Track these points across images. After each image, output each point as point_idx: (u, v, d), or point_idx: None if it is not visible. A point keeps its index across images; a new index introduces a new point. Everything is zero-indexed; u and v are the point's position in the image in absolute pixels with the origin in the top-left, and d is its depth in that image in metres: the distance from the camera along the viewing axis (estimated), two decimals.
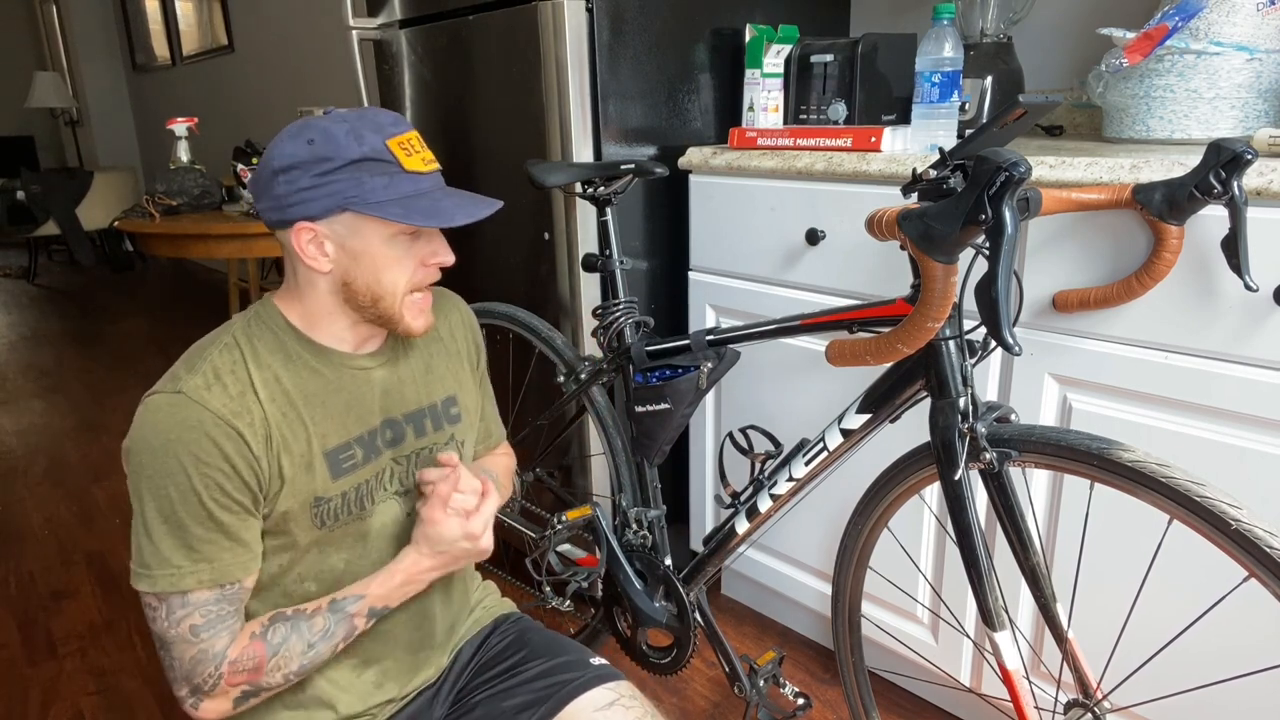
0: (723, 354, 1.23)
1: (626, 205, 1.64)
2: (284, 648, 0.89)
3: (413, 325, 0.92)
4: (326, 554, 0.94)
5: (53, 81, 6.82)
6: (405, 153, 0.87)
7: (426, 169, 0.88)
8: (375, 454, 0.95)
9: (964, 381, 0.95)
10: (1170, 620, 1.12)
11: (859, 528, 1.16)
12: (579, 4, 1.50)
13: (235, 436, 0.83)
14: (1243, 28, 1.17)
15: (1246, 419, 1.02)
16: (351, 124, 0.85)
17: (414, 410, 0.99)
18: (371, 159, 0.85)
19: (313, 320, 0.92)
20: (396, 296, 0.90)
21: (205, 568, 0.85)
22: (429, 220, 0.84)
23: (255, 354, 0.89)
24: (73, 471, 2.71)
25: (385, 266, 0.88)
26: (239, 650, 0.88)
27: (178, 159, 2.90)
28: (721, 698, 1.58)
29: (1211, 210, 0.99)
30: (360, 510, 0.94)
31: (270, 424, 0.87)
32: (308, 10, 4.00)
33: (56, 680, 1.69)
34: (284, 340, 0.91)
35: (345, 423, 0.92)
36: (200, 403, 0.83)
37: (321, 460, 0.90)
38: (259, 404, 0.86)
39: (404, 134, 0.88)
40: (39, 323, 4.78)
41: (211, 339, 0.90)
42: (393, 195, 0.85)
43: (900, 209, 0.85)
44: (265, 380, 0.88)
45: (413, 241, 0.89)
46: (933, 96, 1.32)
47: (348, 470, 0.92)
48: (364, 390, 0.94)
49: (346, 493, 0.92)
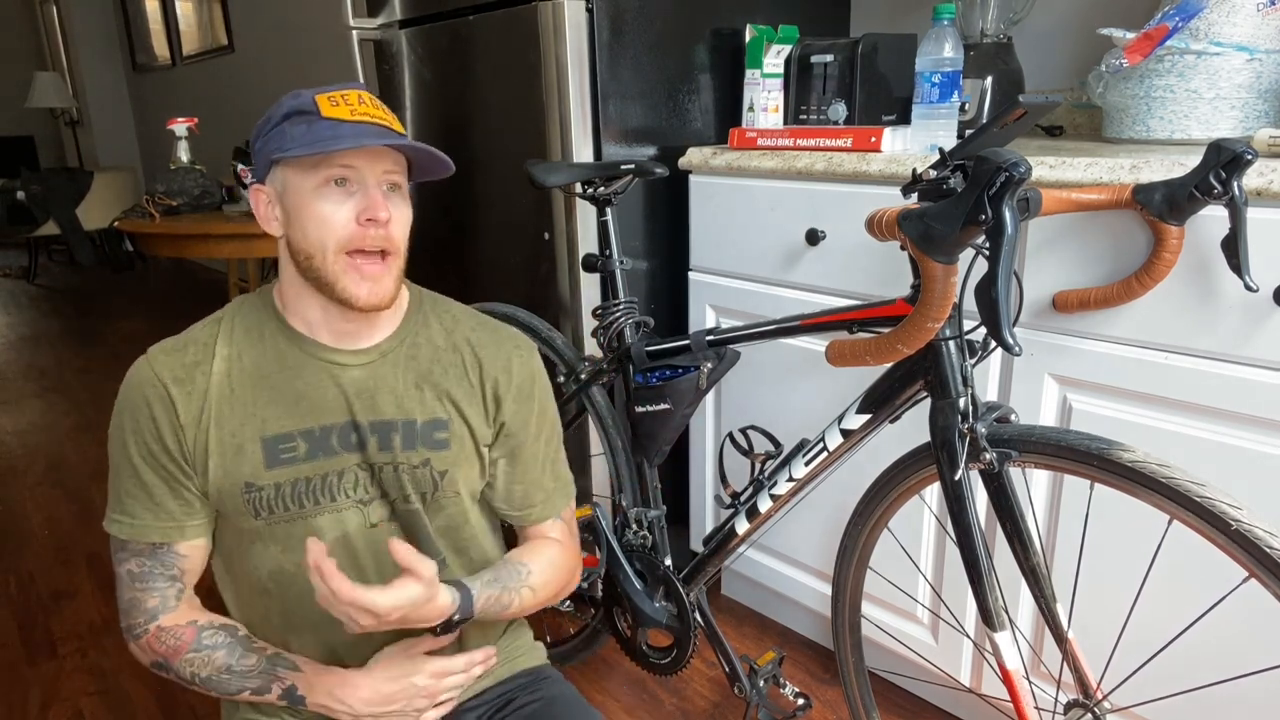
0: (723, 354, 1.23)
1: (626, 205, 1.64)
2: (207, 653, 0.91)
3: (352, 291, 0.86)
4: (270, 550, 0.92)
5: (53, 81, 6.82)
6: (331, 104, 0.85)
7: (353, 118, 0.84)
8: (327, 452, 0.91)
9: (964, 382, 0.95)
10: (1170, 620, 1.12)
11: (859, 528, 1.16)
12: (579, 4, 1.50)
13: (166, 400, 0.88)
14: (1243, 28, 1.17)
15: (1246, 419, 1.02)
16: (306, 89, 0.87)
17: (382, 420, 0.93)
18: (298, 111, 0.85)
19: (287, 300, 0.92)
20: (326, 252, 0.85)
21: (127, 521, 0.90)
22: (308, 147, 0.82)
23: (232, 330, 0.92)
24: (73, 471, 2.71)
25: (311, 220, 0.85)
26: (172, 623, 0.92)
27: (178, 159, 2.90)
28: (721, 698, 1.58)
29: (1211, 210, 0.98)
30: (299, 508, 0.91)
31: (209, 398, 0.89)
32: (308, 10, 4.00)
33: (56, 680, 1.69)
34: (264, 320, 0.93)
35: (294, 412, 0.90)
36: (151, 364, 0.89)
37: (256, 445, 0.89)
38: (208, 377, 0.89)
39: (341, 91, 0.86)
40: (39, 323, 4.78)
41: (215, 313, 0.94)
42: (307, 140, 0.83)
43: (900, 209, 0.85)
44: (228, 356, 0.90)
45: (346, 196, 0.85)
46: (933, 97, 1.32)
47: (286, 461, 0.90)
48: (325, 385, 0.91)
49: (281, 485, 0.90)
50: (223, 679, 0.91)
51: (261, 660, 0.92)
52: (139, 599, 0.91)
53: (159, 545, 0.91)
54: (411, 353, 0.96)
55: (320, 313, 0.91)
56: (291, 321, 0.92)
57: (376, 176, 0.86)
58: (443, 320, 1.00)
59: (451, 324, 1.00)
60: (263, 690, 0.92)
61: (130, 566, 0.91)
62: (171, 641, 0.91)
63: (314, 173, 0.85)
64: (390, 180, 0.88)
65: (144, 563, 0.91)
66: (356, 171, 0.85)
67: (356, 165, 0.85)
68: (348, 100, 0.86)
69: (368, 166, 0.85)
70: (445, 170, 0.92)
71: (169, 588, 0.92)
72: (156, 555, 0.91)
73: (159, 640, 0.91)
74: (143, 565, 0.91)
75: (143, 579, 0.91)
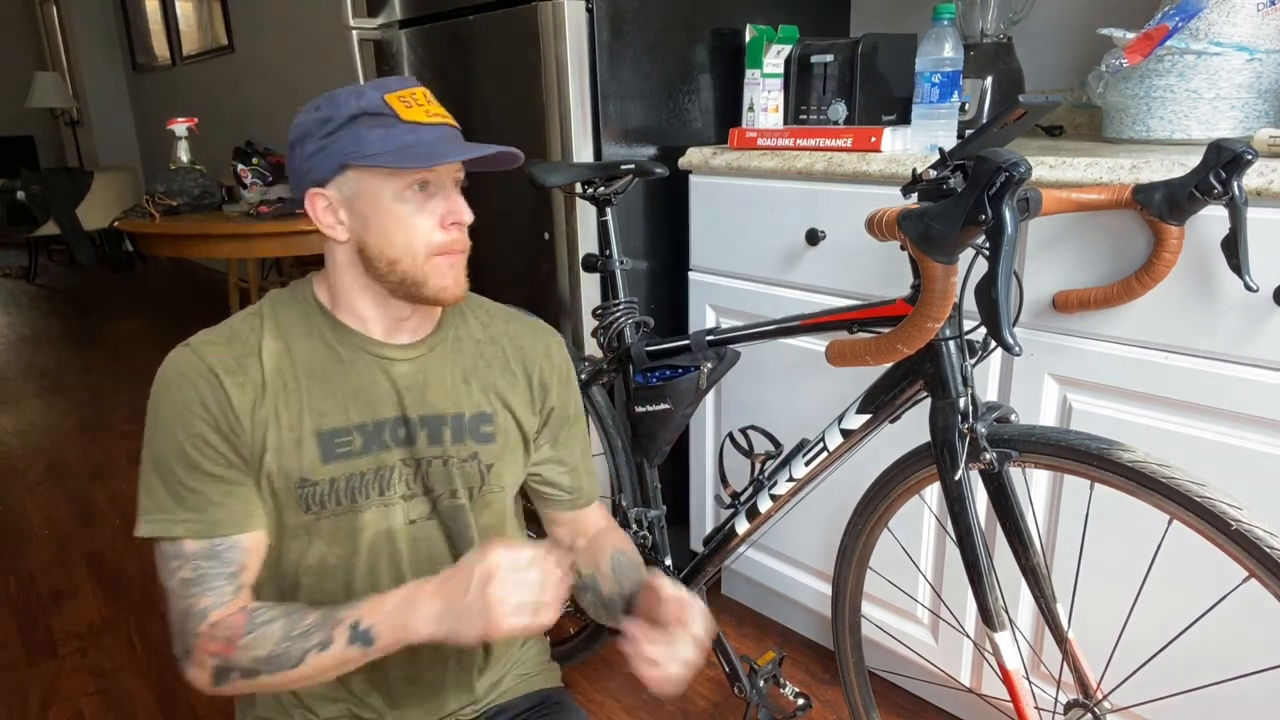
0: (723, 354, 1.23)
1: (626, 205, 1.64)
2: (264, 629, 0.83)
3: (440, 288, 0.87)
4: (315, 545, 0.90)
5: (53, 81, 6.82)
6: (405, 105, 0.84)
7: (430, 120, 0.84)
8: (381, 447, 0.90)
9: (964, 382, 0.95)
10: (1170, 620, 1.12)
11: (859, 528, 1.16)
12: (579, 4, 1.50)
13: (220, 391, 0.84)
14: (1243, 28, 1.17)
15: (1246, 419, 1.02)
16: (358, 86, 0.85)
17: (433, 414, 0.93)
18: (369, 113, 0.83)
19: (337, 297, 0.90)
20: (416, 258, 0.85)
21: (193, 517, 0.84)
22: (417, 160, 0.81)
23: (276, 324, 0.89)
24: (73, 471, 2.71)
25: (396, 226, 0.84)
26: (222, 615, 0.84)
27: (178, 159, 2.90)
28: (721, 698, 1.58)
29: (1211, 210, 0.98)
30: (351, 503, 0.89)
31: (265, 391, 0.86)
32: (308, 10, 4.00)
33: (56, 680, 1.69)
34: (309, 314, 0.90)
35: (348, 407, 0.89)
36: (199, 354, 0.85)
37: (312, 440, 0.87)
38: (260, 369, 0.86)
39: (407, 89, 0.85)
40: (39, 323, 4.78)
41: (248, 308, 0.92)
42: (390, 146, 0.82)
43: (900, 209, 0.85)
44: (275, 350, 0.88)
45: (426, 199, 0.85)
46: (933, 97, 1.32)
47: (341, 456, 0.88)
48: (378, 379, 0.90)
49: (336, 480, 0.88)
50: (285, 649, 0.82)
51: (319, 617, 0.83)
52: (192, 605, 0.84)
53: (220, 541, 0.85)
54: (456, 347, 0.96)
55: (376, 309, 0.90)
56: (341, 316, 0.90)
57: (453, 179, 0.87)
58: (477, 315, 1.00)
59: (486, 318, 1.01)
60: (327, 643, 0.81)
61: (184, 574, 0.84)
62: (224, 633, 0.83)
63: (395, 178, 0.83)
64: (458, 180, 0.88)
65: (200, 565, 0.84)
66: (437, 175, 0.85)
67: (438, 170, 0.85)
68: (418, 100, 0.85)
69: (446, 170, 0.85)
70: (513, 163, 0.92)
71: (226, 585, 0.85)
72: (216, 553, 0.85)
73: (212, 639, 0.82)
74: (198, 569, 0.84)
75: (199, 583, 0.84)
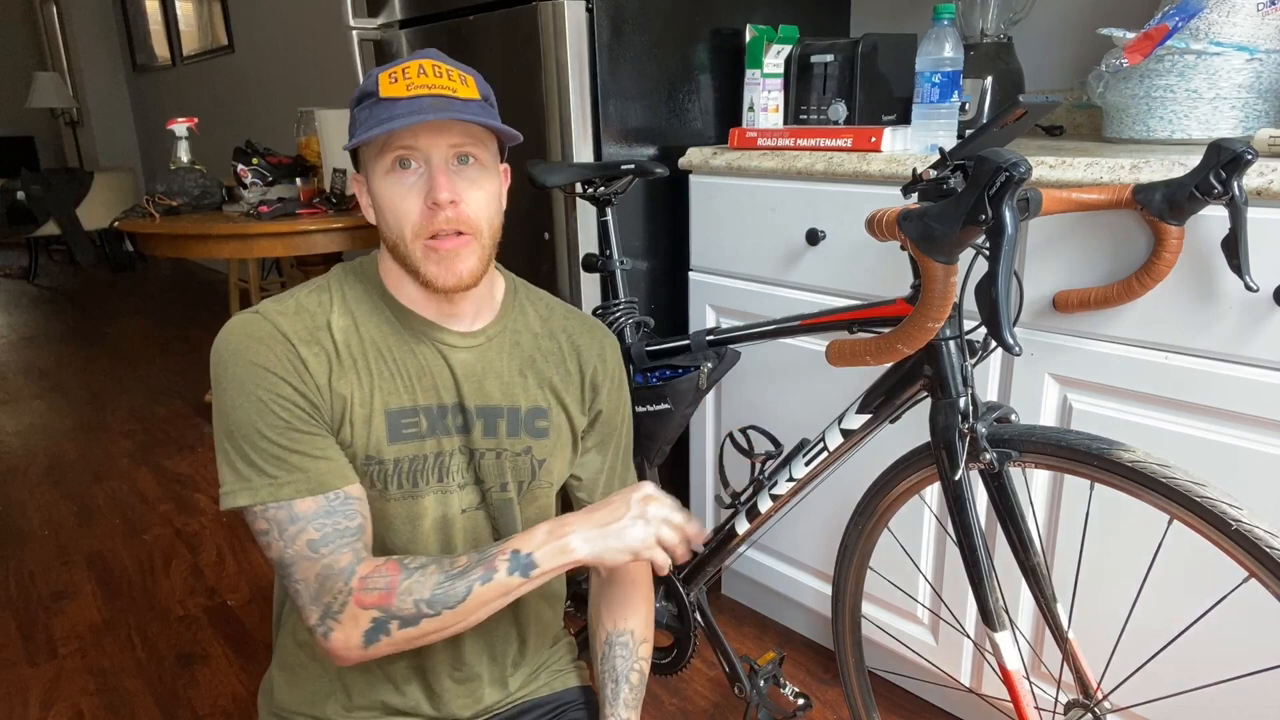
0: (723, 354, 1.23)
1: (626, 205, 1.64)
2: (420, 573, 0.80)
3: (432, 274, 0.84)
4: (379, 529, 0.89)
5: (53, 81, 6.82)
6: (390, 81, 0.81)
7: (408, 93, 0.80)
8: (444, 431, 0.90)
9: (964, 382, 0.95)
10: (1170, 620, 1.12)
11: (859, 528, 1.16)
12: (579, 4, 1.50)
13: (296, 357, 0.82)
14: (1243, 28, 1.17)
15: (1246, 419, 1.02)
16: (382, 65, 0.84)
17: (490, 406, 0.92)
18: (367, 94, 0.83)
19: (391, 276, 0.90)
20: (404, 239, 0.83)
21: (300, 476, 0.81)
22: (359, 136, 0.79)
23: (344, 299, 0.89)
24: (73, 471, 2.71)
25: (387, 206, 0.83)
26: (371, 567, 0.80)
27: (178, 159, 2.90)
28: (722, 698, 1.58)
29: (1212, 210, 0.99)
30: (413, 486, 0.88)
31: (337, 362, 0.84)
32: (308, 10, 4.00)
33: (56, 680, 1.69)
34: (374, 294, 0.90)
35: (415, 387, 0.88)
36: (272, 322, 0.83)
37: (381, 417, 0.86)
38: (332, 342, 0.85)
39: (403, 64, 0.82)
40: (39, 323, 4.78)
41: (311, 280, 0.91)
42: (367, 126, 0.80)
43: (900, 209, 0.85)
44: (344, 326, 0.87)
45: (413, 179, 0.82)
46: (933, 97, 1.32)
47: (408, 437, 0.87)
48: (439, 363, 0.90)
49: (400, 461, 0.87)
50: (447, 587, 0.80)
51: (471, 556, 0.82)
52: (331, 564, 0.80)
53: (334, 495, 0.82)
54: (515, 339, 0.95)
55: (418, 292, 0.89)
56: (399, 297, 0.90)
57: (442, 153, 0.81)
58: (537, 308, 1.00)
59: (546, 312, 1.00)
60: (489, 575, 0.80)
61: (309, 535, 0.80)
62: (382, 583, 0.79)
63: (381, 158, 0.82)
64: (460, 153, 0.82)
65: (324, 523, 0.81)
66: (418, 151, 0.81)
67: (416, 145, 0.80)
68: (407, 74, 0.81)
69: (430, 143, 0.81)
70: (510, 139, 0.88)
71: (357, 540, 0.82)
72: (335, 509, 0.82)
73: (367, 591, 0.79)
74: (323, 526, 0.81)
75: (328, 541, 0.80)
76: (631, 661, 1.01)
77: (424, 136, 0.80)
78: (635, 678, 1.00)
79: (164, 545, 2.22)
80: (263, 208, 2.49)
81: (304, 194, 2.59)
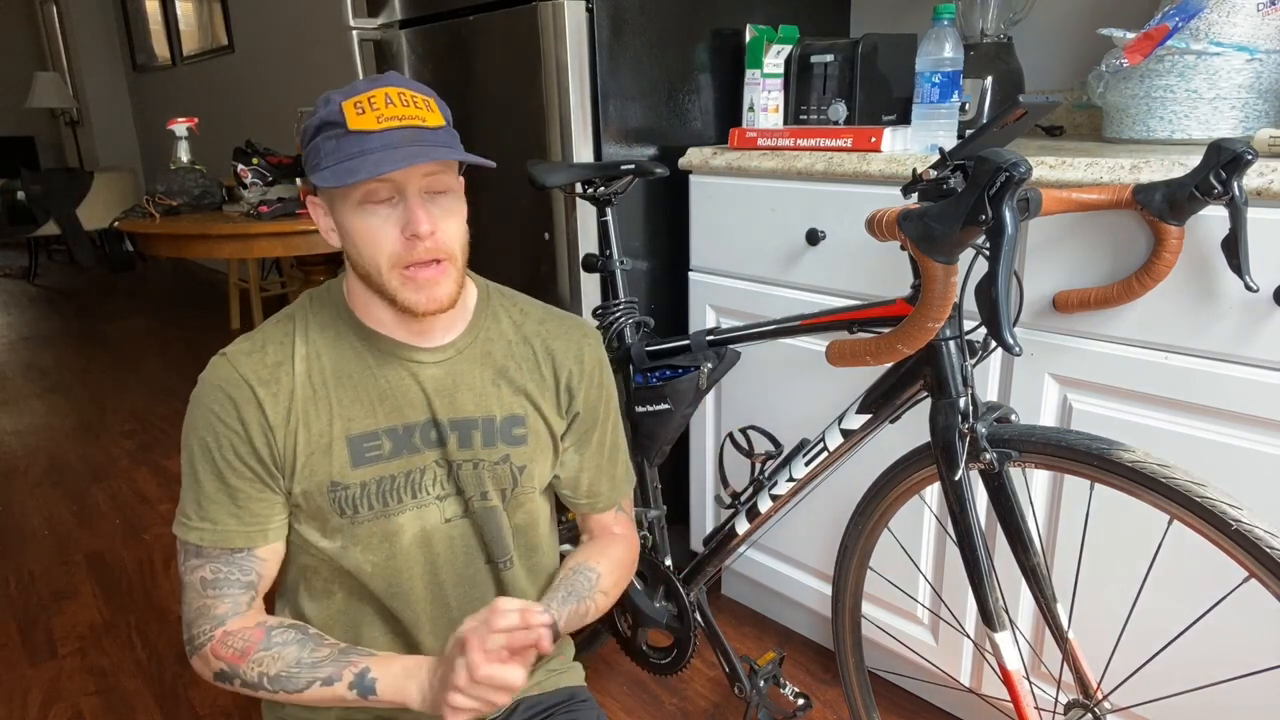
0: (723, 354, 1.23)
1: (626, 205, 1.64)
2: (278, 650, 0.86)
3: (412, 301, 0.84)
4: (351, 552, 0.90)
5: (53, 81, 6.82)
6: (357, 111, 0.80)
7: (380, 126, 0.79)
8: (411, 450, 0.91)
9: (964, 382, 0.95)
10: (1170, 620, 1.12)
11: (859, 528, 1.16)
12: (579, 4, 1.50)
13: (254, 402, 0.86)
14: (1243, 28, 1.17)
15: (1246, 419, 1.02)
16: (342, 88, 0.83)
17: (462, 418, 0.92)
18: (328, 123, 0.81)
19: (358, 300, 0.90)
20: (380, 270, 0.83)
21: (208, 527, 0.87)
22: (338, 179, 0.78)
23: (307, 328, 0.90)
24: (73, 471, 2.71)
25: (361, 238, 0.83)
26: (239, 626, 0.87)
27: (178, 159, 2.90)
28: (721, 698, 1.58)
29: (1212, 210, 0.98)
30: (384, 506, 0.90)
31: (295, 399, 0.87)
32: (308, 10, 4.00)
33: (56, 680, 1.69)
34: (338, 318, 0.91)
35: (377, 411, 0.89)
36: (234, 365, 0.87)
37: (342, 444, 0.88)
38: (292, 377, 0.87)
39: (370, 91, 0.81)
40: (39, 323, 4.78)
41: (282, 310, 0.93)
42: (336, 159, 0.79)
43: (900, 209, 0.85)
44: (307, 355, 0.89)
45: (389, 210, 0.82)
46: (933, 97, 1.32)
47: (371, 460, 0.89)
48: (407, 383, 0.90)
49: (367, 484, 0.89)
50: (293, 674, 0.85)
51: (334, 652, 0.87)
52: (208, 606, 0.88)
53: (239, 550, 0.88)
54: (486, 348, 0.95)
55: (389, 314, 0.89)
56: (366, 320, 0.90)
57: (416, 183, 0.82)
58: (510, 313, 0.99)
59: (520, 316, 1.00)
60: (333, 679, 0.85)
61: (204, 574, 0.88)
62: (239, 644, 0.86)
63: (352, 190, 0.81)
64: (432, 183, 0.83)
65: (219, 569, 0.88)
66: (392, 184, 0.81)
67: (392, 178, 0.81)
68: (374, 104, 0.80)
69: (405, 176, 0.81)
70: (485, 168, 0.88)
71: (242, 595, 0.89)
72: (234, 561, 0.88)
73: (225, 645, 0.87)
74: (218, 572, 0.88)
75: (216, 585, 0.88)
76: (587, 590, 0.97)
77: (399, 171, 0.80)
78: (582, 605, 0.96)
79: (164, 545, 2.22)
80: (263, 208, 2.49)
81: (304, 194, 2.58)
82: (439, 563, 0.95)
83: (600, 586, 0.98)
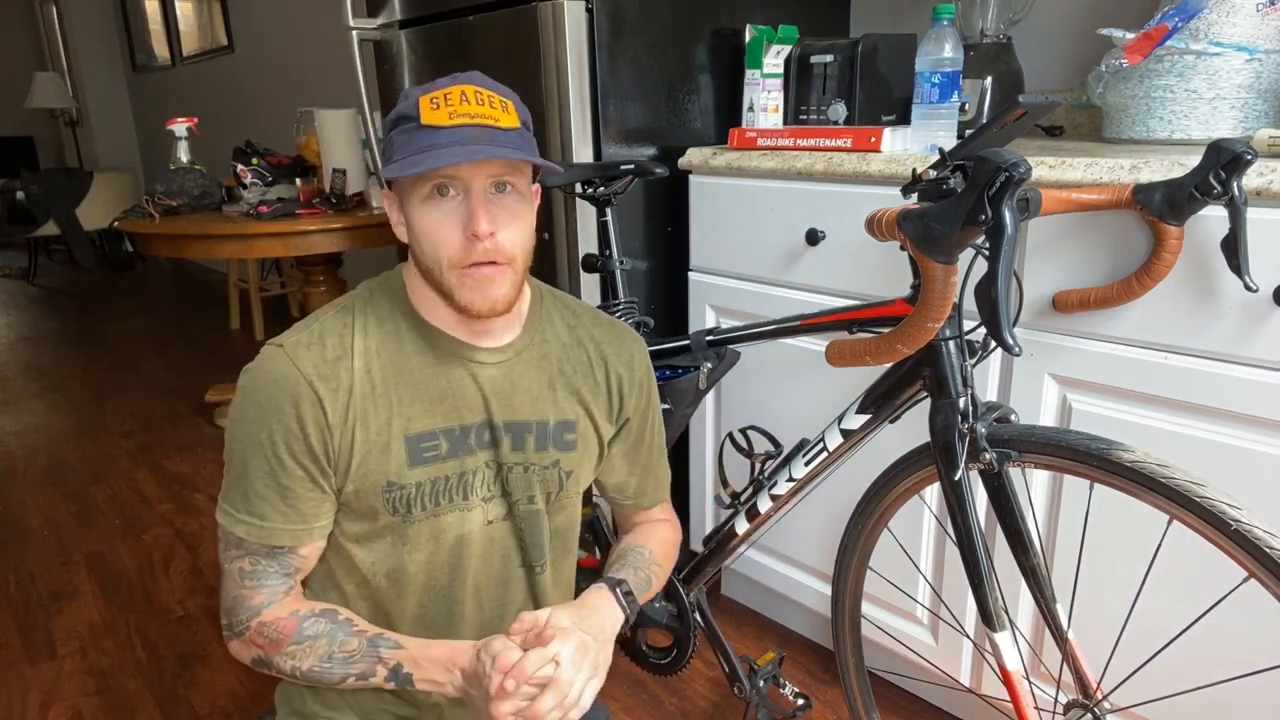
0: (723, 354, 1.23)
1: (626, 205, 1.64)
2: (310, 643, 0.87)
3: (468, 300, 0.84)
4: (397, 549, 0.90)
5: (53, 81, 6.82)
6: (432, 106, 0.80)
7: (451, 122, 0.79)
8: (465, 451, 0.90)
9: (964, 382, 0.95)
10: (1170, 620, 1.12)
11: (859, 528, 1.16)
12: (579, 4, 1.50)
13: (313, 399, 0.84)
14: (1243, 28, 1.17)
15: (1246, 419, 1.02)
16: (425, 85, 0.83)
17: (518, 421, 0.92)
18: (404, 117, 0.82)
19: (419, 296, 0.89)
20: (440, 266, 0.83)
21: (255, 523, 0.86)
22: (401, 170, 0.78)
23: (365, 323, 0.88)
24: (72, 471, 2.71)
25: (424, 233, 0.83)
26: (274, 616, 0.88)
27: (178, 159, 2.89)
28: (721, 698, 1.58)
29: (1211, 210, 0.98)
30: (435, 506, 0.90)
31: (354, 396, 0.85)
32: (308, 10, 4.00)
33: (56, 680, 1.69)
34: (397, 313, 0.90)
35: (435, 411, 0.88)
36: (292, 359, 0.84)
37: (400, 444, 0.87)
38: (351, 373, 0.86)
39: (448, 88, 0.81)
40: (39, 323, 4.78)
41: (338, 300, 0.91)
42: (406, 152, 0.80)
43: (900, 209, 0.85)
44: (365, 350, 0.87)
45: (453, 207, 0.81)
46: (933, 97, 1.32)
47: (428, 460, 0.88)
48: (466, 383, 0.89)
49: (422, 484, 0.88)
50: (325, 668, 0.87)
51: (362, 644, 0.87)
52: (245, 596, 0.88)
53: (281, 547, 0.87)
54: (543, 351, 0.95)
55: (451, 313, 0.88)
56: (427, 317, 0.89)
57: (481, 183, 0.81)
58: (564, 315, 0.99)
59: (573, 320, 0.99)
60: (367, 675, 0.87)
61: (243, 564, 0.87)
62: (273, 635, 0.87)
63: (420, 184, 0.81)
64: (498, 182, 0.82)
65: (259, 562, 0.87)
66: (458, 180, 0.81)
67: (457, 174, 0.80)
68: (449, 100, 0.80)
69: (471, 173, 0.80)
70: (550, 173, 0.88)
71: (280, 585, 0.89)
72: (275, 556, 0.88)
73: (260, 635, 0.87)
74: (257, 564, 0.87)
75: (255, 577, 0.87)
76: (642, 563, 1.02)
77: (465, 167, 0.80)
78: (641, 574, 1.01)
79: (164, 545, 2.22)
80: (262, 208, 2.49)
81: (303, 194, 2.58)
82: (472, 562, 0.94)
83: (654, 559, 1.03)
